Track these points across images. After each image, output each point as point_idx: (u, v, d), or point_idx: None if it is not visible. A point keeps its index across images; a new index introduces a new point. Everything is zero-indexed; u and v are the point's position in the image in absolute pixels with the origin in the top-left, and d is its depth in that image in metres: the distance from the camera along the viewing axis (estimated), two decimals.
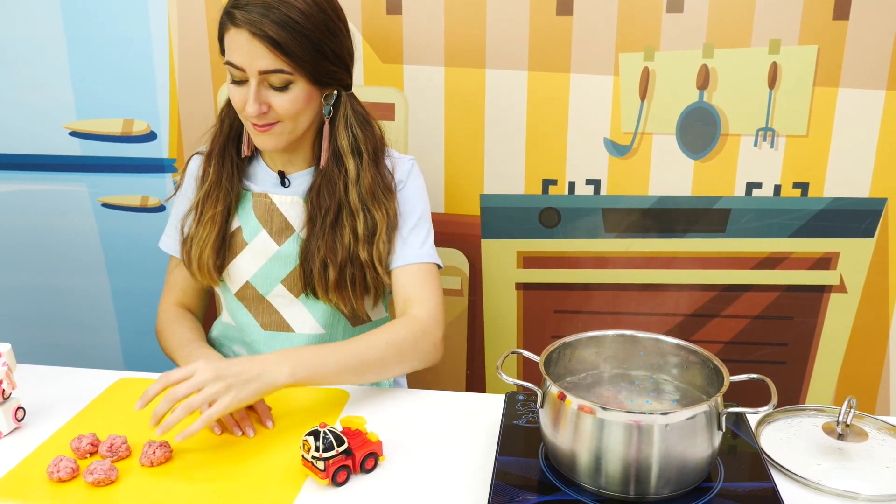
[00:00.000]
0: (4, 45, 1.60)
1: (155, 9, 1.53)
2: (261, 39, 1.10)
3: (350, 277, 1.23)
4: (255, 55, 1.11)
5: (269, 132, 1.18)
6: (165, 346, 1.32)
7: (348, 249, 1.22)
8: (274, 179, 1.29)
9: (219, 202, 1.26)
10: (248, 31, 1.10)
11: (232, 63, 1.14)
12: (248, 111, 1.15)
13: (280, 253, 1.27)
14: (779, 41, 1.43)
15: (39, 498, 0.94)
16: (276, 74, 1.13)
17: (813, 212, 1.51)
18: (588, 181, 1.54)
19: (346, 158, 1.23)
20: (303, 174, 1.28)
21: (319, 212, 1.23)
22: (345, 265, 1.22)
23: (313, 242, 1.22)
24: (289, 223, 1.26)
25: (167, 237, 1.38)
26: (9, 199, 1.72)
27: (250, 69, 1.13)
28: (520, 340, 1.69)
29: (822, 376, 1.62)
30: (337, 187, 1.22)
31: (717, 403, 0.87)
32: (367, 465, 0.98)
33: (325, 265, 1.22)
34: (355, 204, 1.22)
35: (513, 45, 1.48)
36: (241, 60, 1.13)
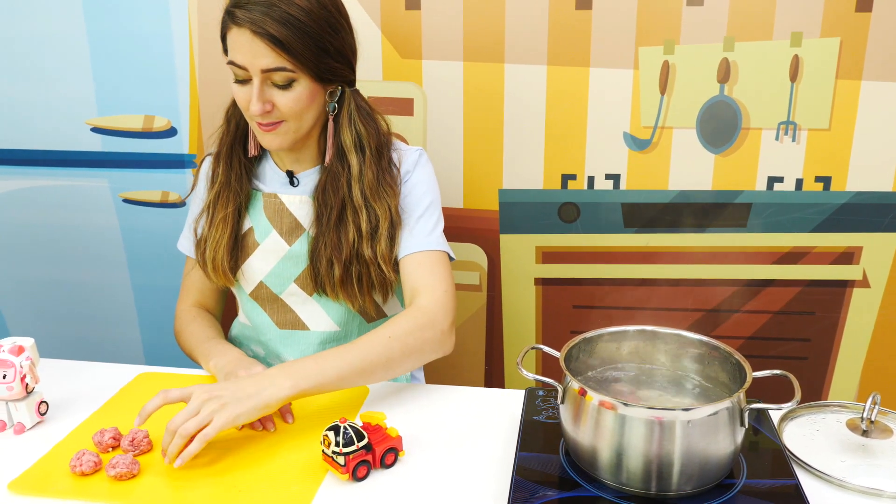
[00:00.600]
0: (28, 43, 1.61)
1: (175, 6, 1.54)
2: (262, 38, 1.10)
3: (356, 275, 1.22)
4: (258, 54, 1.11)
5: (274, 131, 1.18)
6: (184, 345, 1.33)
7: (353, 247, 1.21)
8: (282, 179, 1.29)
9: (229, 203, 1.26)
10: (250, 30, 1.10)
11: (234, 62, 1.14)
12: (253, 110, 1.14)
13: (291, 252, 1.27)
14: (800, 34, 1.41)
15: (62, 491, 0.95)
16: (279, 72, 1.13)
17: (835, 206, 1.50)
18: (607, 176, 1.54)
19: (350, 155, 1.22)
20: (311, 172, 1.28)
21: (325, 210, 1.22)
22: (350, 263, 1.21)
23: (320, 241, 1.22)
24: (298, 222, 1.26)
25: (185, 239, 1.38)
26: (31, 195, 1.73)
27: (253, 68, 1.12)
28: (539, 336, 1.68)
29: (844, 372, 1.60)
30: (340, 184, 1.22)
31: (740, 399, 0.87)
32: (388, 460, 0.98)
33: (332, 263, 1.21)
34: (358, 200, 1.21)
35: (532, 40, 1.47)
36: (244, 59, 1.12)
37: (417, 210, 1.25)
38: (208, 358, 1.23)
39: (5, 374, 1.06)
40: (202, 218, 1.30)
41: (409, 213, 1.25)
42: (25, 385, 1.07)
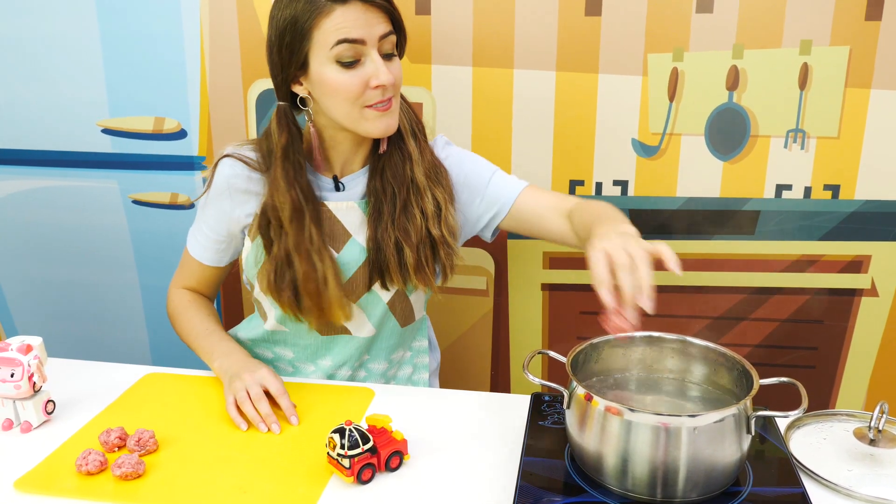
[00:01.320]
0: (41, 45, 1.62)
1: (187, 9, 1.55)
2: (375, 5, 1.10)
3: (425, 258, 1.22)
4: (372, 21, 1.10)
5: (390, 110, 1.16)
6: (181, 329, 1.32)
7: (420, 230, 1.21)
8: (328, 185, 1.25)
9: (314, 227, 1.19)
10: (361, 2, 1.09)
11: (349, 38, 1.09)
12: (384, 79, 1.11)
13: (338, 260, 1.23)
14: (810, 42, 1.41)
15: (68, 490, 0.95)
16: (390, 38, 1.13)
17: (844, 214, 1.49)
18: (615, 182, 1.54)
19: (408, 139, 1.22)
20: (356, 176, 1.26)
21: (386, 197, 1.21)
22: (420, 245, 1.21)
23: (382, 231, 1.20)
24: (345, 229, 1.24)
25: (198, 244, 1.32)
26: (41, 195, 1.74)
27: (371, 37, 1.10)
28: (545, 341, 1.68)
29: (852, 381, 1.60)
30: (402, 169, 1.21)
31: (747, 406, 0.87)
32: (392, 463, 0.98)
33: (401, 249, 1.20)
34: (422, 183, 1.21)
35: (541, 46, 1.48)
36: (360, 31, 1.09)
37: (486, 170, 1.29)
38: (213, 357, 1.23)
39: (13, 372, 1.06)
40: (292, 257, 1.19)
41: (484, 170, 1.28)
42: (33, 384, 1.08)
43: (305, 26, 1.10)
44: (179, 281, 1.37)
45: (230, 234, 1.28)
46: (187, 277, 1.36)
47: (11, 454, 1.03)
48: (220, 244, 1.30)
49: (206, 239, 1.31)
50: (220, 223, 1.27)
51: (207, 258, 1.32)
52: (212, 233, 1.29)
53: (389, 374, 1.35)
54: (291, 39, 1.11)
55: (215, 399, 1.18)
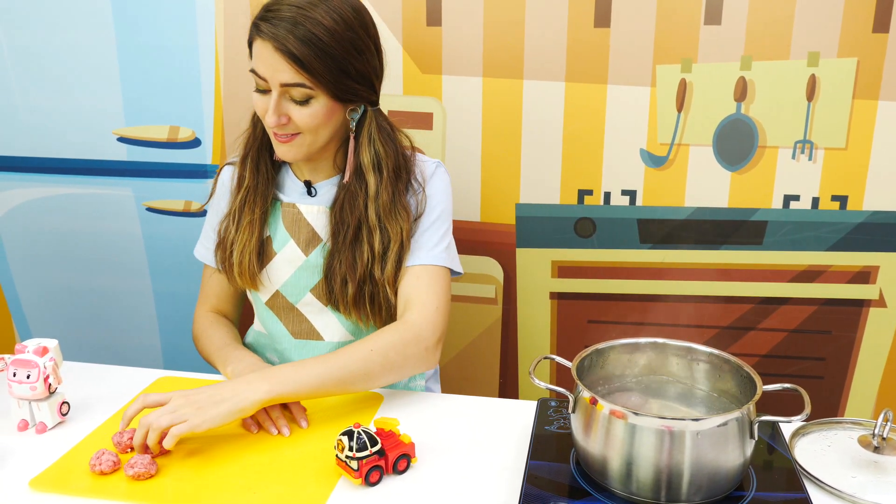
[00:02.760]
0: (59, 55, 1.65)
1: (203, 21, 1.57)
2: (283, 54, 1.11)
3: (369, 294, 1.23)
4: (278, 68, 1.13)
5: (289, 143, 1.20)
6: (202, 350, 1.35)
7: (367, 266, 1.22)
8: (301, 189, 1.30)
9: (256, 206, 1.28)
10: (273, 45, 1.12)
11: (256, 72, 1.16)
12: (268, 121, 1.16)
13: (308, 262, 1.28)
14: (817, 54, 1.42)
15: (81, 490, 0.97)
16: (297, 88, 1.14)
17: (851, 225, 1.50)
18: (624, 191, 1.55)
19: (367, 174, 1.23)
20: (328, 183, 1.29)
21: (342, 227, 1.23)
22: (363, 282, 1.22)
23: (335, 257, 1.23)
24: (316, 233, 1.27)
25: (202, 247, 1.39)
26: (57, 202, 1.77)
27: (272, 81, 1.14)
28: (553, 350, 1.69)
29: (860, 392, 1.60)
30: (358, 203, 1.23)
31: (750, 411, 0.87)
32: (400, 466, 0.99)
33: (345, 281, 1.23)
34: (372, 221, 1.22)
35: (550, 57, 1.49)
36: (265, 71, 1.14)
37: (425, 222, 1.26)
38: (226, 364, 1.24)
39: (29, 374, 1.08)
40: (226, 221, 1.31)
41: (421, 221, 1.26)
42: (48, 385, 1.09)
43: (249, 40, 1.18)
44: (202, 303, 1.41)
45: None
46: (207, 296, 1.40)
47: (26, 454, 1.05)
48: None
49: (210, 241, 1.36)
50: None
51: (212, 260, 1.36)
52: (215, 234, 1.34)
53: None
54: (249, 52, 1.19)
55: None
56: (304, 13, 1.12)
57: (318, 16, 1.12)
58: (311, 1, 1.13)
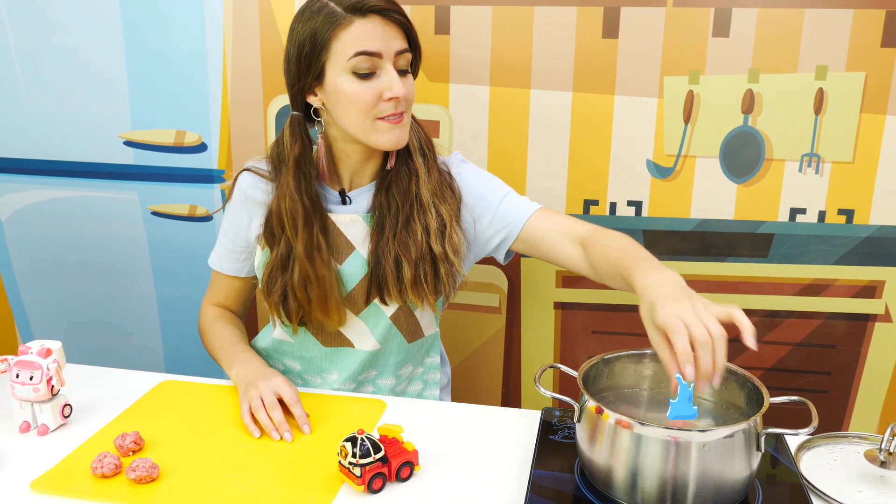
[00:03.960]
0: (67, 58, 1.66)
1: (211, 25, 1.58)
2: (394, 22, 1.13)
3: (423, 274, 1.22)
4: (390, 37, 1.13)
5: (401, 123, 1.18)
6: (208, 345, 1.34)
7: (421, 246, 1.21)
8: (335, 199, 1.28)
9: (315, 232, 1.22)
10: (380, 16, 1.12)
11: (367, 51, 1.12)
12: (397, 91, 1.14)
13: (341, 271, 1.25)
14: (826, 67, 1.42)
15: (83, 492, 0.96)
16: (405, 55, 1.16)
17: (858, 239, 1.50)
18: (629, 202, 1.55)
19: (416, 156, 1.23)
20: (363, 191, 1.28)
21: (389, 212, 1.22)
22: (420, 262, 1.21)
23: (383, 245, 1.21)
24: (349, 241, 1.25)
25: (217, 256, 1.36)
26: (63, 205, 1.77)
27: (387, 51, 1.14)
28: (557, 360, 1.68)
29: (865, 407, 1.59)
30: (408, 185, 1.23)
31: (757, 423, 0.87)
32: (403, 473, 0.99)
33: (399, 264, 1.21)
34: (427, 200, 1.22)
35: (558, 66, 1.50)
36: (378, 44, 1.13)
37: (499, 190, 1.28)
38: (231, 366, 1.24)
39: (32, 375, 1.08)
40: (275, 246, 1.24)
41: (492, 194, 1.27)
42: (51, 387, 1.09)
43: (325, 37, 1.13)
44: (209, 298, 1.41)
45: (247, 243, 1.31)
46: (215, 293, 1.40)
47: (28, 456, 1.05)
48: (237, 254, 1.33)
49: (223, 249, 1.34)
50: (238, 234, 1.31)
51: (225, 268, 1.35)
52: (229, 243, 1.33)
53: (398, 390, 1.35)
54: (310, 50, 1.14)
55: (229, 407, 1.19)
56: None
57: None
58: None
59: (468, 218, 1.28)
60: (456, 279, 1.26)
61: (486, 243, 1.29)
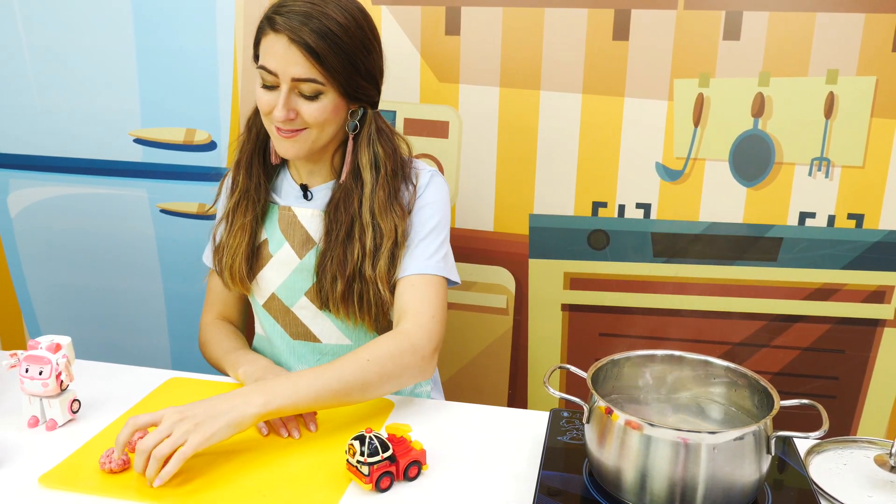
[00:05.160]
0: (79, 56, 1.66)
1: (222, 23, 1.58)
2: (298, 46, 1.12)
3: (357, 292, 1.22)
4: (291, 61, 1.13)
5: (293, 139, 1.19)
6: (210, 356, 1.35)
7: (357, 264, 1.21)
8: (297, 192, 1.30)
9: (248, 211, 1.28)
10: (287, 38, 1.12)
11: (266, 67, 1.15)
12: (276, 115, 1.16)
13: (302, 265, 1.28)
14: (836, 71, 1.42)
15: (90, 488, 0.96)
16: (308, 83, 1.14)
17: (867, 244, 1.49)
18: (638, 205, 1.54)
19: (364, 173, 1.23)
20: (324, 187, 1.29)
21: (335, 225, 1.23)
22: (353, 279, 1.22)
23: (327, 256, 1.23)
24: (310, 236, 1.27)
25: (209, 252, 1.39)
26: (72, 202, 1.78)
27: (283, 75, 1.14)
28: (564, 362, 1.68)
29: (873, 412, 1.58)
30: (352, 201, 1.23)
31: (767, 426, 0.86)
32: (411, 472, 0.99)
33: (335, 278, 1.22)
34: (366, 218, 1.21)
35: (568, 68, 1.50)
36: (276, 66, 1.14)
37: (421, 232, 1.25)
38: (237, 366, 1.24)
39: (41, 370, 1.08)
40: (221, 225, 1.32)
41: (413, 235, 1.25)
42: (60, 382, 1.09)
43: (257, 39, 1.19)
44: (207, 310, 1.42)
45: None
46: (213, 302, 1.41)
47: (36, 451, 1.05)
48: None
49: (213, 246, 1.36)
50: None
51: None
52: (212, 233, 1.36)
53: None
54: (254, 49, 1.21)
55: None
56: (317, 8, 1.12)
57: (331, 11, 1.13)
58: None
59: None
60: (383, 303, 1.24)
61: None
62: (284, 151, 1.22)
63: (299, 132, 1.19)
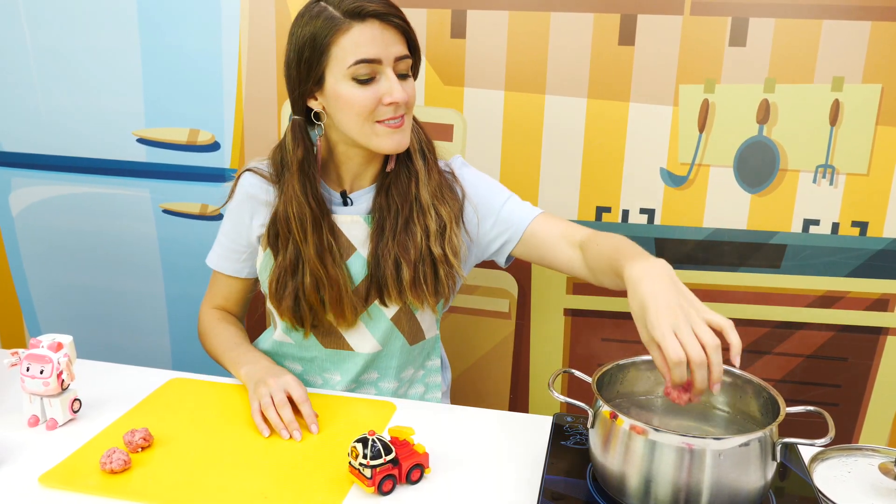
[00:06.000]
0: (84, 55, 1.66)
1: (227, 24, 1.58)
2: (393, 26, 1.13)
3: (423, 275, 1.22)
4: (390, 42, 1.13)
5: (402, 127, 1.18)
6: (210, 348, 1.34)
7: (420, 247, 1.21)
8: (336, 200, 1.28)
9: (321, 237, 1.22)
10: (380, 21, 1.12)
11: (365, 58, 1.12)
12: (397, 97, 1.13)
13: None
14: (842, 79, 1.42)
15: (91, 487, 0.96)
16: (405, 60, 1.16)
17: (871, 252, 1.49)
18: (642, 210, 1.54)
19: (416, 158, 1.23)
20: (364, 192, 1.27)
21: (389, 214, 1.22)
22: (419, 263, 1.21)
23: (382, 246, 1.21)
24: (350, 242, 1.25)
25: (216, 255, 1.36)
26: (74, 201, 1.77)
27: (387, 57, 1.13)
28: (566, 366, 1.66)
29: (876, 420, 1.58)
30: (408, 187, 1.23)
31: (773, 433, 0.86)
32: (413, 476, 0.98)
33: (398, 265, 1.21)
34: (426, 202, 1.22)
35: (573, 73, 1.49)
36: (377, 50, 1.12)
37: (501, 194, 1.28)
38: (239, 365, 1.24)
39: (42, 369, 1.08)
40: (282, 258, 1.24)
41: (494, 197, 1.27)
42: (61, 381, 1.09)
43: (324, 43, 1.12)
44: (208, 301, 1.40)
45: (248, 243, 1.31)
46: (214, 295, 1.40)
47: (37, 450, 1.04)
48: (237, 254, 1.33)
49: (223, 249, 1.34)
50: (239, 233, 1.31)
51: (225, 268, 1.35)
52: (230, 242, 1.33)
53: (400, 393, 1.35)
54: (310, 55, 1.14)
55: (238, 405, 1.18)
56: None
57: None
58: None
59: (472, 218, 1.28)
60: (456, 281, 1.26)
61: (488, 245, 1.29)
62: (397, 144, 1.18)
63: (403, 118, 1.18)
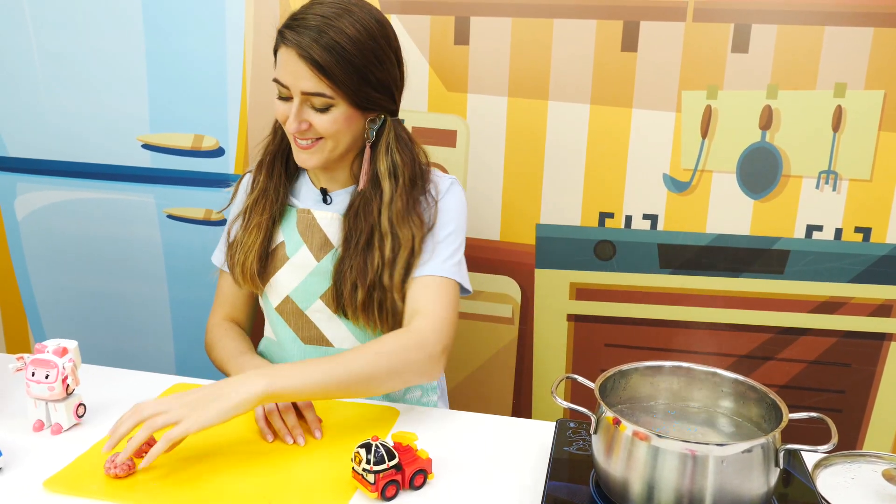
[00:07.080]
0: (88, 60, 1.67)
1: (231, 30, 1.59)
2: (306, 62, 1.14)
3: (378, 300, 1.23)
4: (300, 76, 1.15)
5: (310, 149, 1.22)
6: (216, 359, 1.35)
7: (377, 272, 1.22)
8: (316, 196, 1.31)
9: (265, 210, 1.29)
10: (296, 53, 1.14)
11: (279, 80, 1.18)
12: (288, 128, 1.19)
13: (319, 268, 1.28)
14: (844, 85, 1.42)
15: (95, 492, 0.96)
16: (318, 97, 1.16)
17: (874, 257, 1.49)
18: (645, 216, 1.54)
19: (383, 182, 1.23)
20: (344, 192, 1.30)
21: (354, 233, 1.24)
22: (373, 288, 1.22)
23: (346, 262, 1.24)
24: (328, 239, 1.28)
25: (220, 252, 1.40)
26: (79, 206, 1.78)
27: (294, 88, 1.16)
28: (569, 372, 1.68)
29: (879, 426, 1.58)
30: (371, 210, 1.23)
31: (776, 439, 0.86)
32: (417, 481, 0.98)
33: (355, 286, 1.22)
34: (385, 227, 1.22)
35: (576, 79, 1.50)
36: (287, 79, 1.17)
37: (439, 235, 1.26)
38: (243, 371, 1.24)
39: (48, 374, 1.08)
40: (236, 222, 1.33)
41: (439, 230, 1.26)
42: (66, 386, 1.09)
43: (275, 48, 1.20)
44: (215, 312, 1.41)
45: None
46: (221, 303, 1.41)
47: (41, 454, 1.05)
48: None
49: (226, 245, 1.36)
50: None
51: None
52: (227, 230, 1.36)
53: (396, 395, 1.35)
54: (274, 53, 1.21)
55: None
56: (328, 23, 1.14)
57: (343, 25, 1.14)
58: (336, 11, 1.15)
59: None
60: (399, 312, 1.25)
61: None
62: (303, 162, 1.24)
63: (316, 143, 1.21)
